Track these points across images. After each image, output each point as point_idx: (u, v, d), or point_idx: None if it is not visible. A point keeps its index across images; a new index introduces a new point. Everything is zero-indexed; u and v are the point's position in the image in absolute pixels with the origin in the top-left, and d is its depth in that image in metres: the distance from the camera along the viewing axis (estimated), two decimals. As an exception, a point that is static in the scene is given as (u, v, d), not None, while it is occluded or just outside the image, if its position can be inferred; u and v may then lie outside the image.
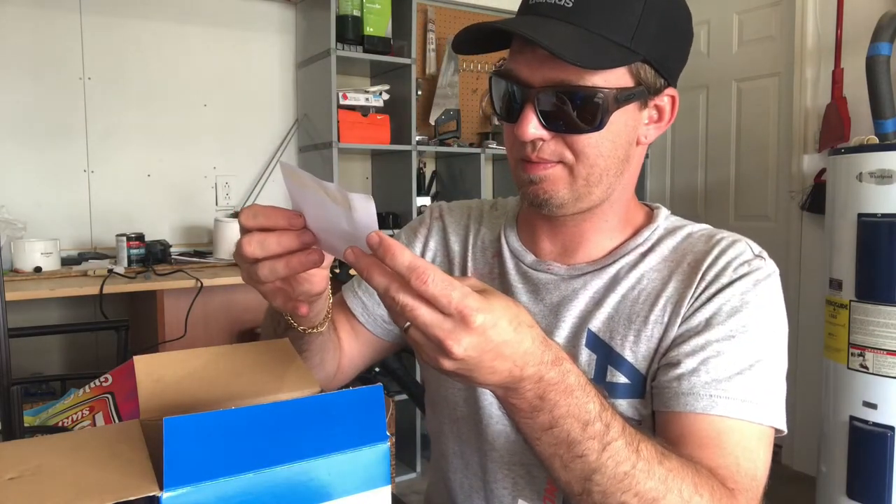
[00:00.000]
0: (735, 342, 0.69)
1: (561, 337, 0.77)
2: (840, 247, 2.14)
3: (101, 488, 0.37)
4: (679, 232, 0.79)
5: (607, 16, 0.66)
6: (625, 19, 0.66)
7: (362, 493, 0.41)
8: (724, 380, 0.67)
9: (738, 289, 0.71)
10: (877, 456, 2.03)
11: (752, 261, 0.73)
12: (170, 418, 0.36)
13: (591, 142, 0.69)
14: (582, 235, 0.79)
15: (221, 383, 0.52)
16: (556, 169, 0.71)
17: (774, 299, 0.72)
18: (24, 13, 2.37)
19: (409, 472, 2.82)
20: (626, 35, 0.66)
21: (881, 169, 2.00)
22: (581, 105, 0.66)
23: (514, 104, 0.70)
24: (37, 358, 2.34)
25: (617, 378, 0.74)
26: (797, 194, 2.85)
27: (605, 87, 0.66)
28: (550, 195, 0.72)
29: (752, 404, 0.67)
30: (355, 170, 3.07)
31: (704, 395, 0.67)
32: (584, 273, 0.78)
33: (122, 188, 2.57)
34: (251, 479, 0.38)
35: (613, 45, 0.66)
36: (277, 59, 2.87)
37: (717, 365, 0.68)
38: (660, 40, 0.68)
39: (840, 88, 2.69)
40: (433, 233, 0.94)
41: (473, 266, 0.88)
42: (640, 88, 0.69)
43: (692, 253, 0.76)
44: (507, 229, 0.87)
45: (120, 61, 2.55)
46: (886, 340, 1.99)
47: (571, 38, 0.64)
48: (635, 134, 0.73)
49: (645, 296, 0.75)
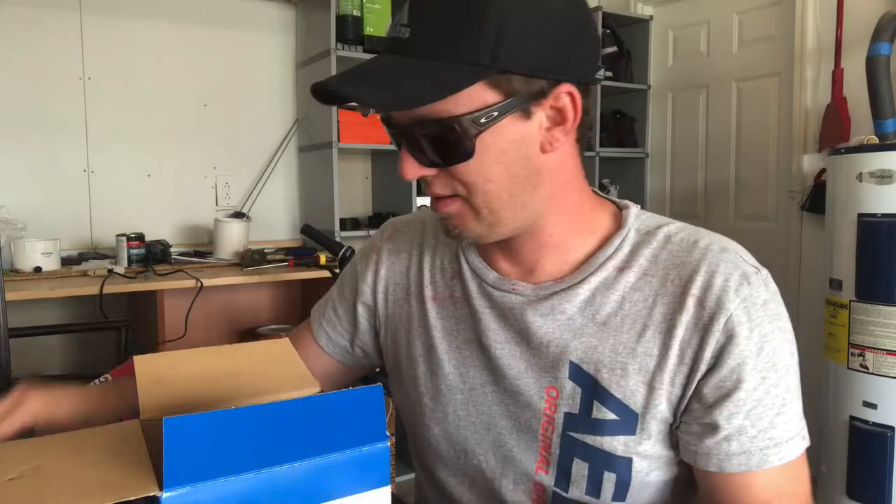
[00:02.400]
0: (768, 384, 0.66)
1: (539, 366, 0.72)
2: (840, 247, 2.14)
3: (101, 488, 0.37)
4: (654, 236, 0.72)
5: (446, 36, 0.61)
6: (467, 35, 0.60)
7: (362, 494, 0.41)
8: (768, 428, 0.66)
9: (753, 320, 0.66)
10: (877, 456, 2.03)
11: (752, 275, 0.68)
12: (170, 418, 0.36)
13: (471, 170, 0.64)
14: (535, 252, 0.73)
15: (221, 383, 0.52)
16: (455, 204, 0.67)
17: (783, 313, 0.69)
18: (24, 13, 2.37)
19: (409, 472, 2.82)
20: (474, 51, 0.60)
21: (881, 169, 2.00)
22: (443, 137, 0.62)
23: (398, 146, 0.67)
24: (37, 358, 2.34)
25: (604, 414, 0.69)
26: (797, 194, 2.85)
27: (462, 113, 0.61)
28: (461, 229, 0.69)
29: (796, 440, 0.67)
30: (355, 170, 3.07)
31: (756, 451, 0.66)
32: (553, 293, 0.72)
33: (122, 188, 2.57)
34: (251, 479, 0.38)
35: (459, 65, 0.60)
36: (277, 59, 2.87)
37: (759, 416, 0.66)
38: (525, 42, 0.61)
39: (840, 88, 2.69)
40: (383, 258, 0.87)
41: (433, 291, 0.81)
42: (510, 100, 0.62)
43: (675, 267, 0.69)
44: (465, 248, 0.80)
45: (120, 61, 2.55)
46: (886, 340, 1.99)
47: (398, 77, 0.61)
48: (531, 145, 0.66)
49: (629, 323, 0.69)
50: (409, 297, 0.84)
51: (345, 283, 0.91)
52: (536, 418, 0.72)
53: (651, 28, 3.42)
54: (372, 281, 0.87)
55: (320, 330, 0.92)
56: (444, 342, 0.79)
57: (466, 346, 0.77)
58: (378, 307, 0.87)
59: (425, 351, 0.81)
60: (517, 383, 0.73)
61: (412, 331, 0.82)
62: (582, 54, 0.66)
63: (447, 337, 0.79)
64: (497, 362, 0.74)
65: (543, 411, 0.71)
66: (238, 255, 2.53)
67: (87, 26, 2.48)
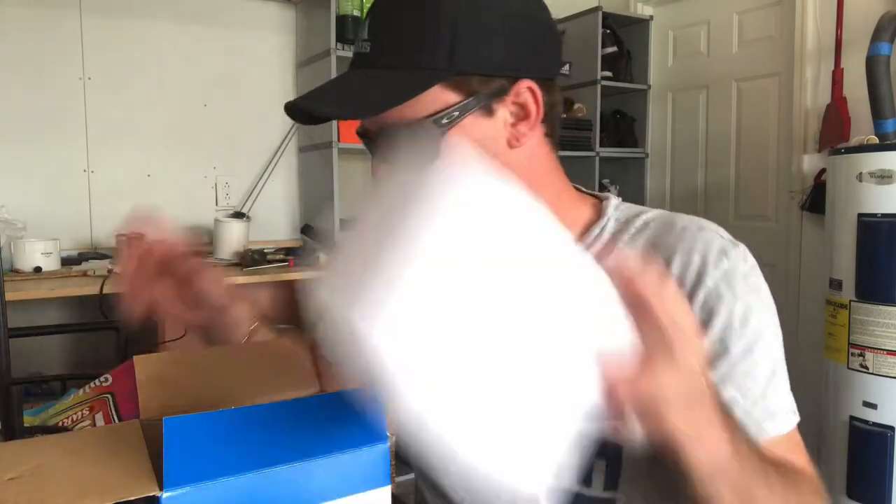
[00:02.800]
0: (756, 355, 0.66)
1: None
2: (840, 247, 2.14)
3: (101, 488, 0.37)
4: (633, 223, 0.73)
5: (403, 46, 0.65)
6: (420, 43, 0.64)
7: (362, 494, 0.41)
8: (759, 399, 0.65)
9: (736, 293, 0.67)
10: (877, 456, 2.03)
11: (730, 250, 0.68)
12: (170, 418, 0.36)
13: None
14: None
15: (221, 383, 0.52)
16: None
17: (764, 287, 0.69)
18: (24, 13, 2.37)
19: (409, 472, 2.82)
20: (431, 56, 0.64)
21: (881, 169, 2.00)
22: (407, 143, 0.65)
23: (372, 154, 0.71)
24: (37, 358, 2.34)
25: None
26: (797, 194, 2.85)
27: (423, 116, 0.64)
28: None
29: (789, 413, 0.67)
30: (355, 170, 3.07)
31: (752, 423, 0.65)
32: None
33: (122, 188, 2.57)
34: (251, 479, 0.38)
35: (416, 71, 0.64)
36: (277, 59, 2.87)
37: (748, 388, 0.66)
38: (473, 45, 0.64)
39: (840, 88, 2.69)
40: None
41: None
42: (469, 100, 0.65)
43: (653, 249, 0.70)
44: None
45: (120, 61, 2.55)
46: (886, 340, 1.99)
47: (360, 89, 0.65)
48: (500, 141, 0.68)
49: None
50: None
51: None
52: None
53: (651, 28, 3.42)
54: None
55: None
56: None
57: None
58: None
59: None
60: None
61: None
62: (541, 51, 0.69)
63: None
64: None
65: None
66: (238, 255, 2.53)
67: (87, 26, 2.48)
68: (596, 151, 3.25)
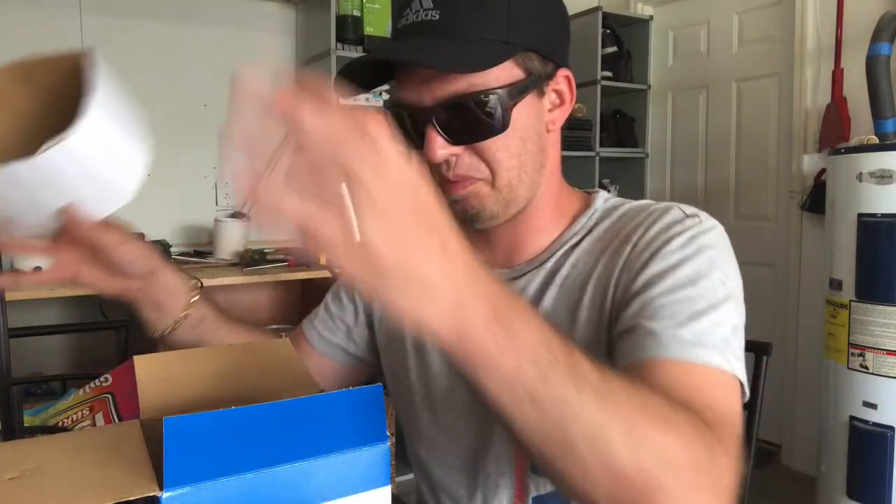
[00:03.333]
0: (680, 293, 0.63)
1: None
2: (840, 247, 2.14)
3: (101, 488, 0.37)
4: (616, 211, 0.76)
5: (475, 16, 0.65)
6: (493, 14, 0.65)
7: (362, 494, 0.41)
8: (673, 327, 0.61)
9: (675, 246, 0.66)
10: (877, 456, 2.03)
11: (685, 220, 0.69)
12: (170, 418, 0.36)
13: (500, 145, 0.67)
14: (518, 238, 0.77)
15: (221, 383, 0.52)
16: (476, 185, 0.69)
17: (717, 248, 0.67)
18: (24, 13, 2.37)
19: (409, 473, 2.82)
20: (499, 30, 0.65)
21: (881, 169, 2.00)
22: (478, 111, 0.65)
23: (416, 130, 0.68)
24: (37, 358, 2.34)
25: None
26: (797, 194, 2.85)
27: (497, 87, 0.65)
28: (479, 209, 0.70)
29: (709, 349, 0.59)
30: (355, 170, 3.07)
31: (651, 344, 0.60)
32: (524, 273, 0.76)
33: (122, 188, 2.57)
34: (251, 479, 0.38)
35: (490, 42, 0.65)
36: (277, 59, 2.87)
37: (663, 316, 0.62)
38: (536, 24, 0.67)
39: (840, 88, 2.69)
40: None
41: None
42: (532, 78, 0.68)
43: (625, 227, 0.72)
44: None
45: (120, 61, 2.54)
46: (886, 340, 1.99)
47: (444, 48, 0.64)
48: (542, 123, 0.71)
49: (580, 281, 0.72)
50: None
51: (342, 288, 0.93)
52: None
53: (651, 28, 3.42)
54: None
55: (312, 331, 0.93)
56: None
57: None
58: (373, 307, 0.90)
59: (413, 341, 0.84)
60: None
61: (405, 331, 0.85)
62: (568, 43, 0.73)
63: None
64: None
65: None
66: (238, 255, 2.53)
67: (87, 26, 2.48)
68: (596, 151, 3.25)
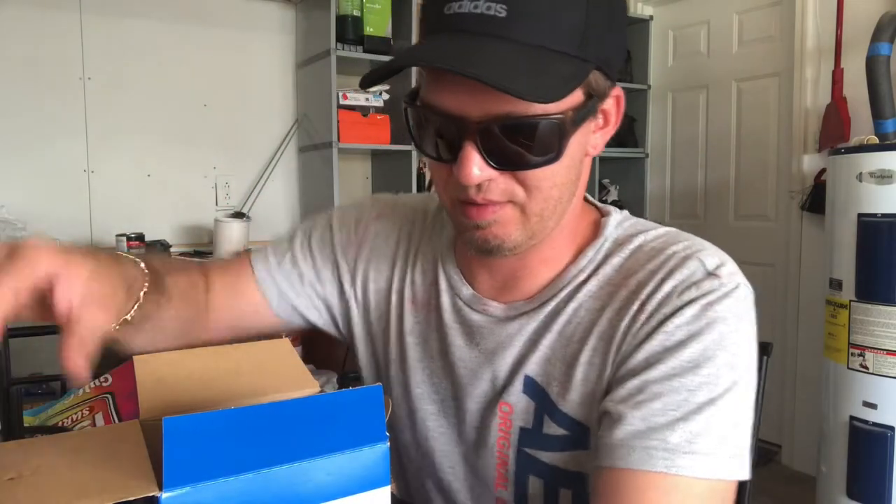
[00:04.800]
0: (678, 381, 0.57)
1: (497, 384, 0.69)
2: (840, 247, 2.14)
3: (101, 488, 0.37)
4: (628, 245, 0.66)
5: (550, 21, 0.53)
6: (570, 22, 0.54)
7: (362, 494, 0.41)
8: (663, 427, 0.55)
9: (684, 318, 0.59)
10: (877, 456, 2.03)
11: (703, 282, 0.60)
12: (170, 418, 0.36)
13: (546, 174, 0.58)
14: (525, 268, 0.68)
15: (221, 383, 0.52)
16: (505, 210, 0.59)
17: (732, 323, 0.59)
18: (24, 13, 2.37)
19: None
20: (571, 41, 0.54)
21: (881, 169, 2.00)
22: (534, 137, 0.55)
23: (448, 141, 0.58)
24: (37, 358, 2.34)
25: (553, 430, 0.65)
26: (797, 194, 2.85)
27: (557, 112, 0.55)
28: (502, 240, 0.61)
29: (700, 456, 0.55)
30: (355, 170, 3.07)
31: (639, 447, 0.55)
32: (521, 314, 0.68)
33: (122, 188, 2.57)
34: (251, 479, 0.38)
35: (562, 57, 0.54)
36: (277, 59, 2.87)
37: (654, 410, 0.56)
38: (607, 38, 0.57)
39: (840, 88, 2.69)
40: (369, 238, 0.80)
41: (412, 293, 0.76)
42: (593, 101, 0.58)
43: (634, 275, 0.64)
44: (444, 252, 0.75)
45: (120, 61, 2.55)
46: (886, 340, 1.99)
47: (513, 63, 0.52)
48: (585, 148, 0.62)
49: (581, 331, 0.65)
50: (390, 292, 0.78)
51: (315, 244, 0.81)
52: (493, 434, 0.69)
53: (651, 28, 3.42)
54: (353, 257, 0.80)
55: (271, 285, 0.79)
56: (418, 349, 0.75)
57: (439, 357, 0.74)
58: (356, 291, 0.80)
59: (398, 356, 0.77)
60: (477, 399, 0.70)
61: (389, 331, 0.78)
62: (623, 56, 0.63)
63: (421, 344, 0.75)
64: (460, 379, 0.71)
65: (499, 427, 0.68)
66: (238, 255, 2.53)
67: (87, 26, 2.48)
68: (596, 151, 3.25)
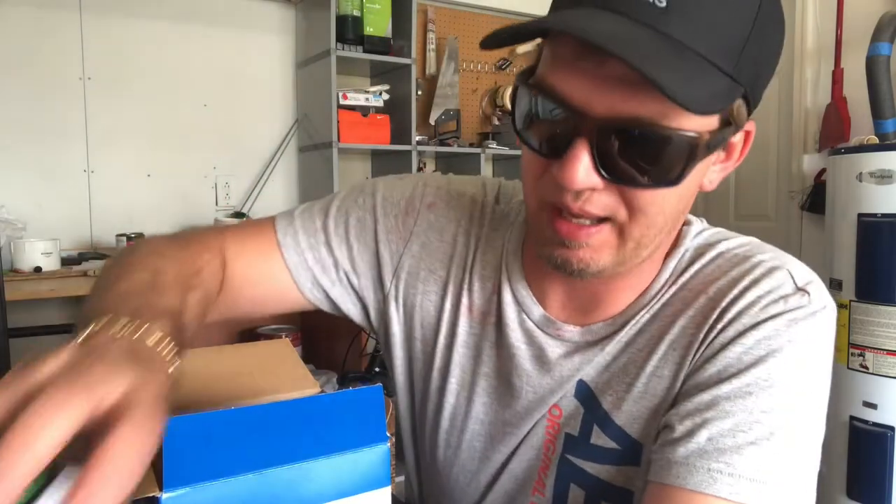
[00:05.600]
0: (752, 401, 0.52)
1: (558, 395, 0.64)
2: (840, 247, 2.14)
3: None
4: (708, 252, 0.61)
5: (711, 28, 0.46)
6: (731, 34, 0.47)
7: (362, 494, 0.41)
8: (730, 450, 0.51)
9: (765, 332, 0.54)
10: (877, 456, 2.03)
11: (791, 296, 0.55)
12: (170, 418, 0.36)
13: (657, 198, 0.51)
14: (608, 293, 0.62)
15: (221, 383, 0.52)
16: (603, 232, 0.52)
17: (816, 346, 0.55)
18: (24, 13, 2.37)
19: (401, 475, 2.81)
20: (730, 58, 0.47)
21: (881, 169, 2.00)
22: (659, 152, 0.48)
23: (557, 134, 0.50)
24: (37, 358, 2.34)
25: (604, 442, 0.60)
26: (797, 194, 2.85)
27: (695, 132, 0.48)
28: (588, 264, 0.54)
29: (768, 486, 0.50)
30: (355, 170, 3.07)
31: (702, 468, 0.51)
32: (603, 337, 0.62)
33: (122, 188, 2.57)
34: (251, 479, 0.38)
35: (715, 71, 0.46)
36: (277, 59, 2.87)
37: (722, 429, 0.52)
38: (761, 63, 0.50)
39: (840, 88, 2.69)
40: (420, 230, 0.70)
41: (469, 300, 0.68)
42: (729, 129, 0.51)
43: (716, 282, 0.58)
44: (509, 260, 0.67)
45: (120, 61, 2.55)
46: (886, 340, 1.99)
47: (666, 58, 0.44)
48: (702, 181, 0.55)
49: (647, 339, 0.59)
50: (444, 295, 0.69)
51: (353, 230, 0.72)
52: (539, 437, 0.65)
53: (651, 28, 3.41)
54: (398, 249, 0.71)
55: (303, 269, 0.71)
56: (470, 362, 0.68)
57: (495, 376, 0.67)
58: (399, 287, 0.71)
59: (443, 364, 0.70)
60: (534, 413, 0.65)
61: (438, 338, 0.70)
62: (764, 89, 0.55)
63: (473, 357, 0.68)
64: (524, 403, 0.66)
65: (546, 430, 0.64)
66: (238, 255, 2.53)
67: (87, 26, 2.48)
68: (596, 151, 3.24)
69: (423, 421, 0.73)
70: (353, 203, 0.73)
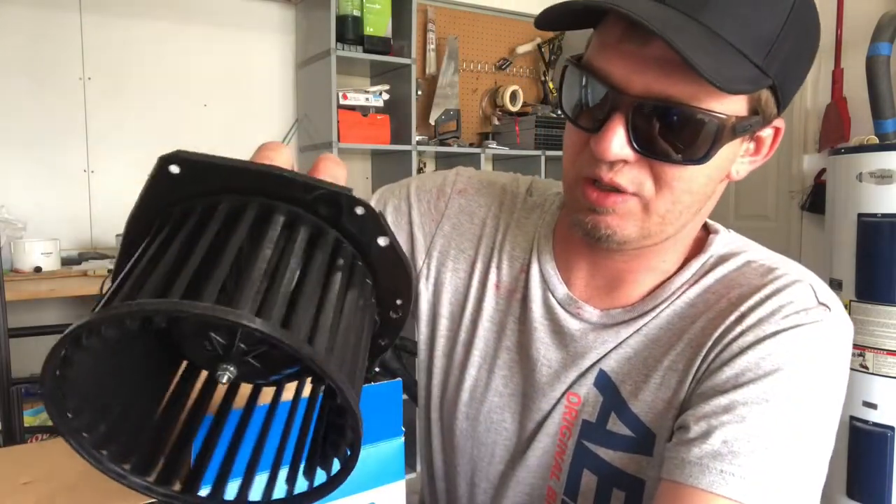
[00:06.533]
0: (769, 408, 0.54)
1: (573, 374, 0.67)
2: (840, 247, 2.14)
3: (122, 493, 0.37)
4: (732, 260, 0.64)
5: (743, 20, 0.51)
6: (764, 28, 0.51)
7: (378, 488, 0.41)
8: (743, 453, 0.53)
9: (786, 342, 0.56)
10: (877, 456, 2.03)
11: (813, 309, 0.58)
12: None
13: (684, 175, 0.55)
14: (630, 273, 0.66)
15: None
16: (630, 202, 0.57)
17: (835, 360, 0.57)
18: (24, 13, 2.37)
19: (409, 472, 2.82)
20: (759, 50, 0.51)
21: (881, 169, 2.00)
22: (688, 131, 0.52)
23: (596, 110, 0.55)
24: (37, 358, 2.33)
25: (619, 428, 0.63)
26: (797, 194, 2.85)
27: (723, 114, 0.52)
28: (614, 231, 0.58)
29: (776, 492, 0.53)
30: (355, 170, 3.07)
31: (714, 469, 0.53)
32: (619, 322, 0.65)
33: (122, 188, 2.57)
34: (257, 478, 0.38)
35: (744, 61, 0.51)
36: (277, 59, 2.87)
37: (737, 433, 0.54)
38: (791, 60, 0.54)
39: (840, 88, 2.70)
40: (451, 213, 0.76)
41: (498, 277, 0.72)
42: (756, 119, 0.55)
43: (739, 287, 0.61)
44: (541, 241, 0.71)
45: (120, 61, 2.54)
46: (886, 340, 2.00)
47: (700, 42, 0.49)
48: (729, 168, 0.59)
49: (669, 335, 0.63)
50: (472, 273, 0.74)
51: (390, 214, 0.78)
52: (557, 423, 0.68)
53: (651, 28, 3.41)
54: (430, 231, 0.76)
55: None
56: (493, 336, 0.72)
57: (516, 350, 0.71)
58: (430, 267, 0.76)
59: (467, 338, 0.73)
60: (551, 399, 0.68)
61: (464, 313, 0.74)
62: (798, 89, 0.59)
63: (497, 334, 0.72)
64: (539, 377, 0.69)
65: (563, 416, 0.67)
66: (238, 256, 2.52)
67: (87, 26, 2.47)
68: (596, 151, 3.24)
69: (442, 397, 0.76)
70: (391, 194, 0.79)
